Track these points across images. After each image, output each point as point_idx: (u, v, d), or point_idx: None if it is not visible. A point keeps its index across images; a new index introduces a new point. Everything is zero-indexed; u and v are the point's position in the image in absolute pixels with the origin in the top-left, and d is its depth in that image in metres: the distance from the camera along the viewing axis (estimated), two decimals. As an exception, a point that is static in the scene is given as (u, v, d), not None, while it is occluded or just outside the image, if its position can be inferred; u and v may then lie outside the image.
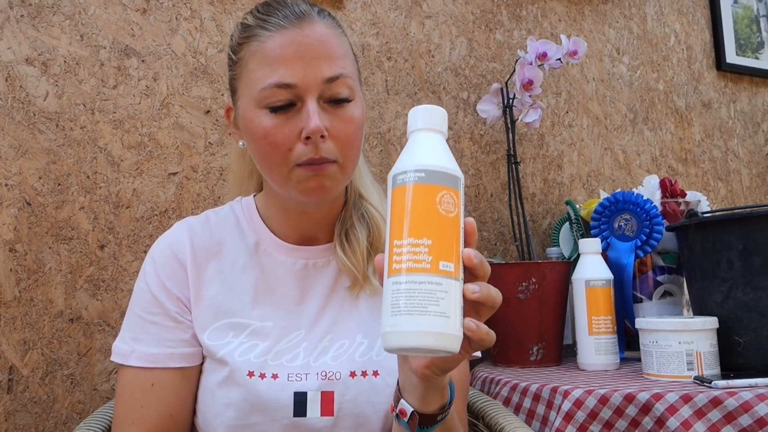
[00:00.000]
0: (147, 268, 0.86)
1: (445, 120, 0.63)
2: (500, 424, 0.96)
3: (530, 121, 1.46)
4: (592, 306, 1.22)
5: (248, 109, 0.81)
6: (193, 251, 0.87)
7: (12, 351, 1.13)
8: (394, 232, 0.58)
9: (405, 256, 0.56)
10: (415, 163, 0.59)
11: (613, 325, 1.23)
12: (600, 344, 1.21)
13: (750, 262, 1.08)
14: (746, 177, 2.15)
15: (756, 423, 0.89)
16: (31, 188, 1.16)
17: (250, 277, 0.87)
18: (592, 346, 1.22)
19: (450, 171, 0.60)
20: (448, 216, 0.58)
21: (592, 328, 1.22)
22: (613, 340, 1.22)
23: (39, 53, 1.19)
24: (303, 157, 0.78)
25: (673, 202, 1.39)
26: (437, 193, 0.58)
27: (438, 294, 0.55)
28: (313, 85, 0.78)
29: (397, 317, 0.55)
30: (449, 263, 0.57)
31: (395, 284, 0.56)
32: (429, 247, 0.56)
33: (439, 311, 0.55)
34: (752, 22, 2.19)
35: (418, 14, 1.60)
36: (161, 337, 0.83)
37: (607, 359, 1.21)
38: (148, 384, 0.82)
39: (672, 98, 2.01)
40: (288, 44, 0.78)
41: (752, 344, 1.08)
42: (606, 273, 1.25)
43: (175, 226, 0.91)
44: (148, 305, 0.84)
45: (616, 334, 1.23)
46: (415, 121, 0.62)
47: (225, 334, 0.83)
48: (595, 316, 1.22)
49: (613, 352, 1.22)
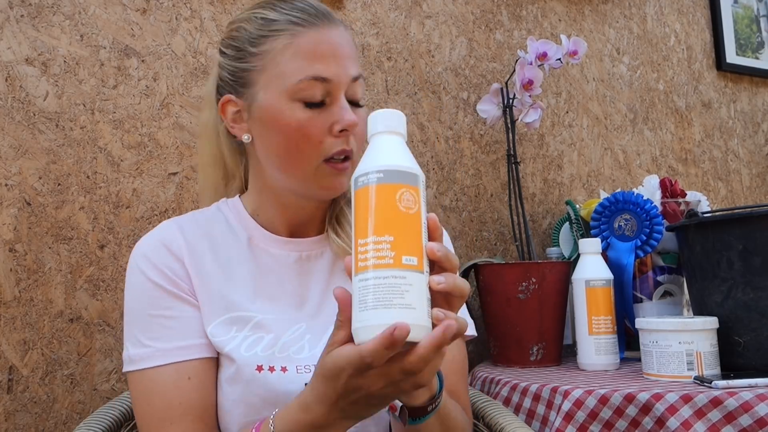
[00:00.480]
0: (143, 266, 0.83)
1: (403, 122, 0.66)
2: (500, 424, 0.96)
3: (530, 121, 1.46)
4: (592, 306, 1.22)
5: (279, 102, 0.82)
6: (188, 245, 0.85)
7: (12, 351, 1.13)
8: (358, 231, 0.61)
9: (370, 253, 0.59)
10: (374, 165, 0.62)
11: (613, 325, 1.23)
12: (600, 344, 1.21)
13: (750, 262, 1.08)
14: (746, 177, 2.15)
15: (756, 423, 0.89)
16: (31, 188, 1.16)
17: (246, 270, 0.86)
18: (592, 346, 1.22)
19: (408, 169, 0.62)
20: (409, 212, 0.60)
21: (592, 328, 1.22)
22: (613, 340, 1.22)
23: (39, 53, 1.19)
24: (334, 149, 0.81)
25: (673, 202, 1.39)
26: (397, 191, 0.61)
27: (403, 287, 0.57)
28: (343, 82, 0.82)
29: (364, 312, 0.58)
30: (412, 257, 0.59)
31: (362, 281, 0.58)
32: (391, 243, 0.59)
33: (404, 303, 0.57)
34: (752, 22, 2.19)
35: (418, 14, 1.60)
36: (186, 328, 0.81)
37: (607, 359, 1.21)
38: (184, 378, 0.79)
39: (672, 98, 2.01)
40: (322, 41, 0.82)
41: (752, 344, 1.08)
42: (606, 273, 1.25)
43: (162, 224, 0.89)
44: (158, 301, 0.81)
45: (616, 335, 1.23)
46: (374, 125, 0.65)
47: (229, 329, 0.82)
48: (595, 316, 1.22)
49: (613, 352, 1.22)
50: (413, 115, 1.55)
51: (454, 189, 1.59)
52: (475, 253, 1.58)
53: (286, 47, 0.82)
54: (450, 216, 1.57)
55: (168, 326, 0.81)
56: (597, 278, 1.23)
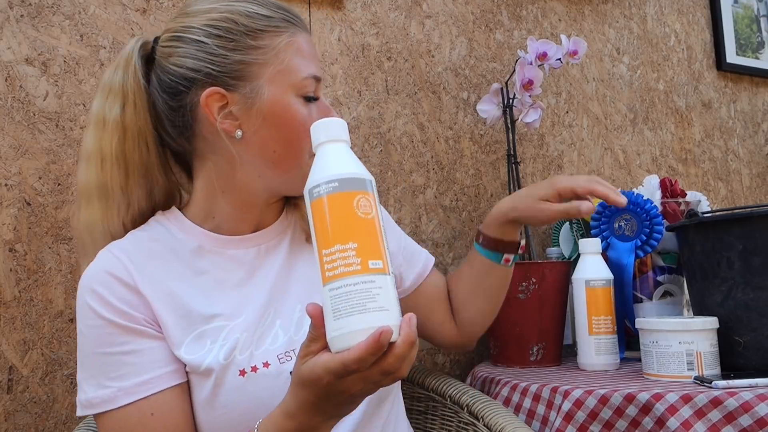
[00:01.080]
0: (92, 303, 0.77)
1: (345, 129, 0.67)
2: (500, 424, 0.96)
3: (530, 121, 1.46)
4: (592, 306, 1.22)
5: (283, 97, 0.83)
6: (138, 269, 0.80)
7: (12, 351, 1.13)
8: (321, 242, 0.62)
9: (337, 262, 0.60)
10: (326, 175, 0.63)
11: (613, 325, 1.23)
12: (600, 344, 1.21)
13: (750, 262, 1.08)
14: (746, 177, 2.15)
15: (756, 423, 0.89)
16: (30, 188, 1.16)
17: (205, 278, 0.84)
18: (592, 346, 1.22)
19: (360, 176, 0.63)
20: (367, 218, 0.62)
21: (592, 328, 1.22)
22: (613, 340, 1.22)
23: (39, 53, 1.19)
24: None
25: (673, 202, 1.39)
26: (353, 199, 0.62)
27: (374, 291, 0.59)
28: (321, 82, 0.88)
29: (340, 321, 0.59)
30: (377, 261, 0.61)
31: (332, 290, 0.60)
32: (356, 249, 0.60)
33: (378, 307, 0.59)
34: (752, 22, 2.19)
35: (418, 14, 1.60)
36: (146, 361, 0.77)
37: (607, 359, 1.21)
38: (147, 414, 0.76)
39: (672, 98, 2.01)
40: (310, 43, 0.88)
41: (752, 344, 1.08)
42: (606, 273, 1.25)
43: (101, 253, 0.81)
44: (112, 338, 0.76)
45: (616, 335, 1.23)
46: (317, 135, 0.66)
47: (202, 345, 0.79)
48: (595, 316, 1.22)
49: (612, 352, 1.22)
50: (413, 115, 1.55)
51: (454, 189, 1.59)
52: (475, 253, 1.58)
53: (288, 45, 0.84)
54: (450, 216, 1.57)
55: (126, 362, 0.76)
56: (597, 278, 1.23)
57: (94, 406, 0.77)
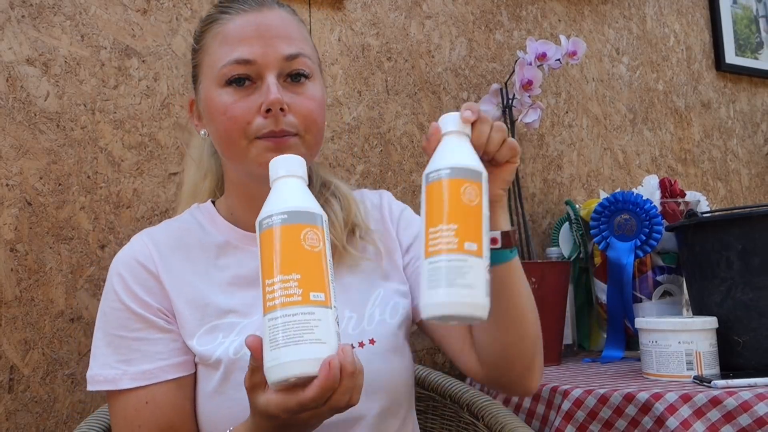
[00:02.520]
0: (116, 286, 0.82)
1: (302, 165, 0.69)
2: (500, 424, 0.97)
3: (530, 121, 1.46)
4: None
5: (209, 91, 0.83)
6: (162, 258, 0.84)
7: (13, 351, 1.13)
8: (265, 272, 0.62)
9: (277, 292, 0.61)
10: (276, 208, 0.64)
11: (467, 237, 0.64)
12: (438, 271, 0.63)
13: (749, 262, 1.08)
14: (745, 177, 2.15)
15: (755, 423, 0.90)
16: (31, 188, 1.17)
17: (226, 274, 0.85)
18: (425, 275, 0.64)
19: (310, 210, 0.65)
20: (314, 251, 0.63)
21: (429, 247, 0.65)
22: (466, 262, 0.63)
23: (40, 53, 1.19)
24: (263, 130, 0.80)
25: (672, 202, 1.39)
26: (301, 231, 0.63)
27: (312, 323, 0.60)
28: (272, 62, 0.81)
29: (275, 351, 0.59)
30: (319, 293, 0.61)
31: (271, 320, 0.60)
32: (298, 281, 0.61)
33: (314, 338, 0.60)
34: (751, 23, 2.20)
35: (418, 14, 1.60)
36: (152, 352, 0.80)
37: (452, 294, 0.62)
38: (142, 403, 0.79)
39: (671, 98, 2.01)
40: (248, 24, 0.82)
41: (751, 344, 1.09)
42: (456, 158, 0.69)
43: (134, 238, 0.87)
44: (128, 323, 0.81)
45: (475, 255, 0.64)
46: (276, 170, 0.68)
47: (214, 337, 0.81)
48: (432, 228, 0.66)
49: (465, 284, 0.62)
50: (413, 115, 1.56)
51: (454, 189, 1.59)
52: (474, 253, 1.58)
53: (215, 36, 0.84)
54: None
55: (135, 348, 0.80)
56: (437, 167, 0.70)
57: (96, 383, 0.80)
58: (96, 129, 1.22)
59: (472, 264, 0.62)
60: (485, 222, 0.65)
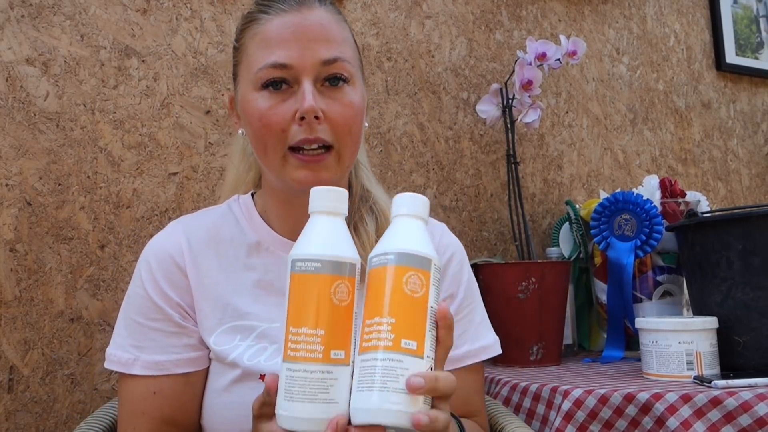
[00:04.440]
0: (143, 273, 0.83)
1: (345, 200, 0.65)
2: (500, 424, 0.97)
3: (530, 121, 1.46)
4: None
5: (247, 92, 0.82)
6: (192, 253, 0.84)
7: (12, 351, 1.13)
8: (291, 318, 0.62)
9: (301, 345, 0.60)
10: (312, 252, 0.62)
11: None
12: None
13: (749, 262, 1.08)
14: (746, 177, 2.15)
15: (755, 423, 0.89)
16: (31, 188, 1.17)
17: (253, 276, 0.85)
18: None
19: (345, 260, 0.62)
20: (342, 305, 0.61)
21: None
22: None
23: (39, 53, 1.19)
24: (296, 138, 0.78)
25: (672, 202, 1.39)
26: (332, 284, 0.61)
27: (328, 382, 0.60)
28: (309, 67, 0.78)
29: (290, 403, 0.60)
30: (341, 351, 0.61)
31: (289, 370, 0.60)
32: (322, 337, 0.60)
33: (328, 398, 0.59)
34: (752, 23, 2.19)
35: (418, 14, 1.60)
36: (165, 344, 0.81)
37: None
38: (150, 392, 0.80)
39: (672, 98, 2.01)
40: (286, 26, 0.79)
41: (752, 344, 1.09)
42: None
43: (170, 226, 0.88)
44: (148, 311, 0.82)
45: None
46: (314, 202, 0.65)
47: (232, 338, 0.81)
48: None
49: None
50: (413, 115, 1.56)
51: (454, 189, 1.59)
52: (475, 253, 1.59)
53: (253, 37, 0.82)
54: (450, 216, 1.57)
55: (150, 337, 0.81)
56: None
57: (111, 362, 0.82)
58: (96, 129, 1.22)
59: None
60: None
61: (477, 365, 0.91)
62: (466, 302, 0.93)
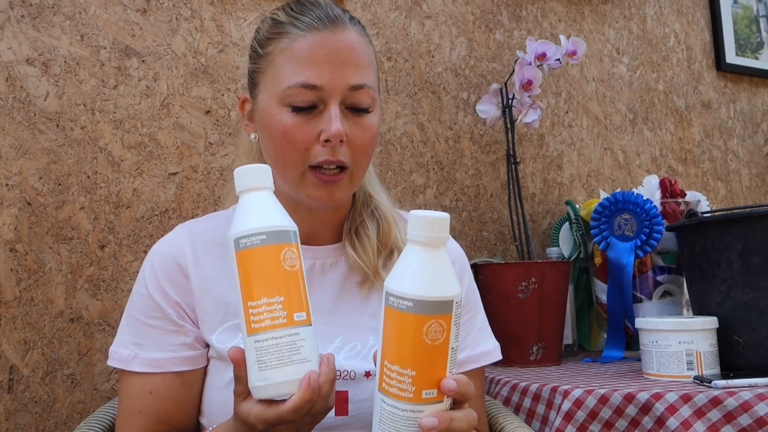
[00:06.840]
0: (146, 272, 0.85)
1: (269, 175, 0.69)
2: (500, 424, 0.97)
3: (529, 121, 1.46)
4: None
5: (270, 105, 0.82)
6: (195, 255, 0.85)
7: (12, 351, 1.13)
8: (247, 293, 0.64)
9: (263, 315, 0.63)
10: (253, 227, 0.64)
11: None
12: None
13: (749, 262, 1.08)
14: (746, 177, 2.15)
15: (755, 423, 0.89)
16: (31, 188, 1.17)
17: None
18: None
19: (286, 228, 0.66)
20: (293, 270, 0.65)
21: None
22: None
23: (39, 53, 1.19)
24: (320, 158, 0.80)
25: (672, 202, 1.39)
26: (280, 252, 0.64)
27: (298, 343, 0.63)
28: (338, 90, 0.80)
29: (265, 372, 0.62)
30: (302, 312, 0.64)
31: (257, 342, 0.63)
32: (282, 303, 0.63)
33: (301, 358, 0.63)
34: (752, 23, 2.19)
35: (418, 14, 1.60)
36: (164, 342, 0.83)
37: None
38: (146, 391, 0.82)
39: (672, 98, 2.01)
40: (319, 46, 0.80)
41: (752, 344, 1.09)
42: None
43: (176, 229, 0.90)
44: (148, 310, 0.84)
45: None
46: (239, 182, 0.68)
47: (234, 336, 0.82)
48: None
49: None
50: (413, 115, 1.56)
51: (454, 189, 1.59)
52: (474, 253, 1.59)
53: (283, 50, 0.82)
54: (450, 216, 1.57)
55: (151, 335, 0.83)
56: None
57: (113, 359, 0.84)
58: (96, 129, 1.22)
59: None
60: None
61: (477, 371, 0.92)
62: (467, 308, 0.93)
